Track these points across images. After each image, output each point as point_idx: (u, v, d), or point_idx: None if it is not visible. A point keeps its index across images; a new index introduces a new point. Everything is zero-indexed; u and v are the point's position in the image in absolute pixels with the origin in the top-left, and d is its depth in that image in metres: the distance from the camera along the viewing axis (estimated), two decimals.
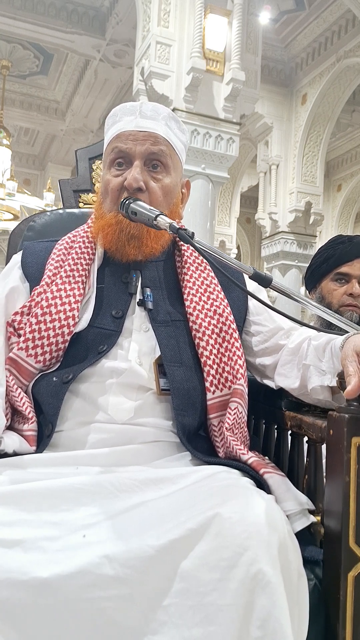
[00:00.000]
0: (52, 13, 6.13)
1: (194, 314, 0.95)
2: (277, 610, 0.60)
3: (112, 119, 1.02)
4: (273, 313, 1.01)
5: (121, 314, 0.94)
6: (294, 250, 6.94)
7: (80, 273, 0.96)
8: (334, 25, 6.18)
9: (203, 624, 0.59)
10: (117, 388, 0.87)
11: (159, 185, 0.98)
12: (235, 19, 4.34)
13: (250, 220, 10.45)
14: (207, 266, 1.04)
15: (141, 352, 0.91)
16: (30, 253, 1.03)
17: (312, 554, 0.80)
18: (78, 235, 1.03)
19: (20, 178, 8.80)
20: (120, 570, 0.59)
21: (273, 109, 6.86)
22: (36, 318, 0.90)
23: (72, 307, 0.91)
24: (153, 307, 0.95)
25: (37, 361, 0.89)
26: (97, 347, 0.90)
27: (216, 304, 0.98)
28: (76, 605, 0.58)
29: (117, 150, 0.97)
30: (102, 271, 1.00)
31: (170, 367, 0.90)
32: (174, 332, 0.94)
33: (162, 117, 1.00)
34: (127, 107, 1.01)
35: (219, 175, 4.50)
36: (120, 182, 0.96)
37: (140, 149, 0.96)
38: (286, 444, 1.04)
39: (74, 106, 8.07)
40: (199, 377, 0.92)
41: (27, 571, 0.58)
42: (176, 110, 4.27)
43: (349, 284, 1.52)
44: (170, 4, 4.30)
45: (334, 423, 0.78)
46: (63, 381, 0.87)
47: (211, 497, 0.67)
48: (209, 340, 0.94)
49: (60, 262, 0.98)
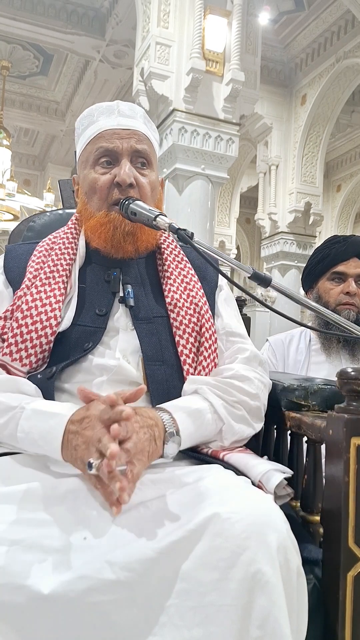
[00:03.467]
0: (51, 14, 6.14)
1: (174, 310, 0.96)
2: (276, 610, 0.60)
3: (87, 119, 1.02)
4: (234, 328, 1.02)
5: (105, 311, 0.94)
6: (293, 250, 6.95)
7: (60, 273, 0.96)
8: (334, 26, 6.18)
9: (203, 625, 0.59)
10: (108, 385, 0.87)
11: (147, 181, 0.99)
12: (235, 20, 4.35)
13: (249, 220, 10.46)
14: (188, 263, 1.05)
15: (127, 350, 0.91)
16: (11, 257, 1.02)
17: (312, 553, 0.80)
18: (58, 236, 1.03)
19: (20, 178, 8.81)
20: (121, 573, 0.59)
21: (272, 110, 6.87)
22: (17, 322, 0.90)
23: (54, 308, 0.91)
24: (134, 304, 0.95)
25: (22, 364, 0.89)
26: (82, 344, 0.90)
27: (195, 300, 0.98)
28: (77, 609, 0.58)
29: (103, 148, 0.98)
30: (84, 270, 1.00)
31: (151, 367, 0.90)
32: (156, 329, 0.94)
33: (139, 116, 1.02)
34: (103, 107, 1.01)
35: (218, 176, 4.51)
36: (110, 179, 0.97)
37: (126, 147, 0.97)
38: (285, 444, 1.04)
39: (73, 107, 8.07)
40: (179, 375, 0.92)
41: (28, 575, 0.58)
42: (176, 111, 4.28)
43: (345, 282, 1.53)
44: (169, 4, 4.30)
45: (333, 423, 0.78)
46: (47, 377, 0.87)
47: (210, 497, 0.67)
48: (189, 338, 0.94)
49: (41, 263, 0.98)
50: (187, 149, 4.33)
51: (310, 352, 1.58)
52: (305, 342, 1.61)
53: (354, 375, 0.77)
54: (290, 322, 0.96)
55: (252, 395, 0.91)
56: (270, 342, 1.66)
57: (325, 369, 1.51)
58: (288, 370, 1.58)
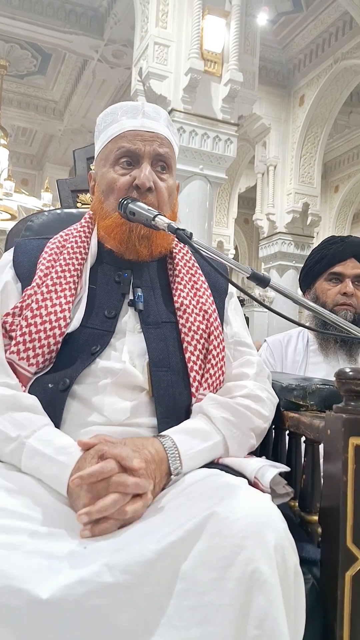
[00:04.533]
0: (50, 13, 6.14)
1: (184, 316, 0.95)
2: (274, 610, 0.60)
3: (110, 116, 1.01)
4: (242, 339, 1.03)
5: (114, 313, 0.93)
6: (291, 251, 6.96)
7: (72, 273, 0.95)
8: (332, 27, 6.20)
9: (202, 624, 0.59)
10: (112, 388, 0.87)
11: (165, 186, 0.98)
12: (233, 20, 4.35)
13: (248, 221, 10.47)
14: (199, 269, 1.04)
15: (134, 353, 0.90)
16: (22, 252, 1.01)
17: (310, 553, 0.80)
18: (71, 234, 1.02)
19: (18, 178, 8.80)
20: (120, 576, 0.59)
21: (271, 110, 6.88)
22: (26, 321, 0.89)
23: (63, 308, 0.90)
24: (144, 308, 0.94)
25: (29, 364, 0.88)
26: (89, 347, 0.89)
27: (205, 307, 0.97)
28: (76, 613, 0.57)
29: (124, 149, 0.97)
30: (95, 270, 0.99)
31: (157, 372, 0.89)
32: (164, 334, 0.93)
33: (163, 119, 1.01)
34: (127, 106, 1.00)
35: (216, 176, 4.51)
36: (129, 180, 0.96)
37: (148, 150, 0.96)
38: (284, 444, 1.04)
39: (72, 106, 8.07)
40: (185, 381, 0.91)
41: (28, 580, 0.58)
42: (174, 111, 4.28)
43: (342, 283, 1.53)
44: (168, 4, 4.30)
45: (331, 423, 0.78)
46: (60, 389, 0.86)
47: (209, 497, 0.67)
48: (197, 344, 0.93)
49: (52, 261, 0.97)
50: (186, 149, 4.34)
51: (308, 352, 1.59)
52: (303, 343, 1.61)
53: (352, 375, 0.77)
54: (288, 323, 0.96)
55: (265, 418, 0.94)
56: (269, 342, 1.67)
57: (323, 370, 1.52)
58: (286, 371, 1.58)
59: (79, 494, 0.71)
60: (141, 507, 0.70)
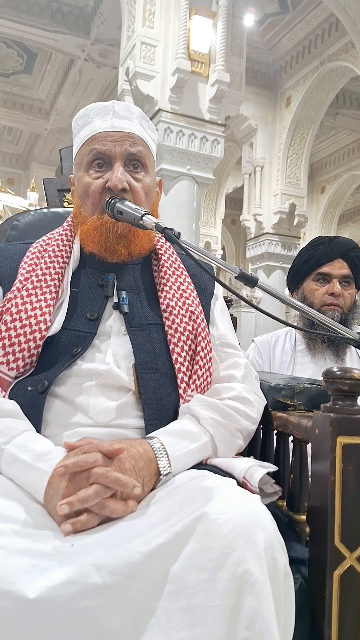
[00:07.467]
0: (35, 11, 6.10)
1: (170, 318, 0.94)
2: (264, 610, 0.60)
3: (82, 119, 1.00)
4: (229, 339, 1.02)
5: (96, 316, 0.92)
6: (278, 251, 7.00)
7: (52, 277, 0.94)
8: (318, 29, 6.25)
9: (191, 626, 0.59)
10: (97, 389, 0.86)
11: (141, 185, 0.97)
12: (220, 21, 4.37)
13: (235, 221, 10.50)
14: (184, 270, 1.03)
15: (119, 355, 0.90)
16: (3, 257, 1.00)
17: (298, 553, 0.80)
18: (53, 238, 1.01)
19: (4, 177, 8.72)
20: (108, 577, 0.58)
21: (258, 111, 6.91)
22: (5, 325, 0.88)
23: (44, 312, 0.89)
24: (129, 310, 0.94)
25: (10, 369, 0.87)
26: (71, 349, 0.89)
27: (191, 309, 0.97)
28: (64, 614, 0.57)
29: (96, 151, 0.96)
30: (78, 274, 0.98)
31: (144, 375, 0.88)
32: (150, 336, 0.93)
33: (135, 116, 0.99)
34: (98, 107, 0.99)
35: (204, 177, 4.52)
36: (102, 183, 0.95)
37: (119, 150, 0.95)
38: (272, 444, 1.04)
39: (58, 105, 8.02)
40: (172, 383, 0.91)
41: (15, 581, 0.57)
42: (161, 111, 4.28)
43: (329, 283, 1.54)
44: (155, 4, 4.30)
45: (319, 422, 0.79)
46: (39, 391, 0.85)
47: (198, 498, 0.67)
48: (184, 346, 0.93)
49: (33, 265, 0.96)
50: (173, 150, 4.34)
51: (296, 352, 1.59)
52: (290, 343, 1.61)
53: (340, 375, 0.77)
54: (275, 323, 0.96)
55: (253, 419, 0.93)
56: (256, 342, 1.67)
57: (311, 369, 1.52)
58: (274, 371, 1.58)
59: (59, 486, 0.70)
60: (123, 506, 0.70)
